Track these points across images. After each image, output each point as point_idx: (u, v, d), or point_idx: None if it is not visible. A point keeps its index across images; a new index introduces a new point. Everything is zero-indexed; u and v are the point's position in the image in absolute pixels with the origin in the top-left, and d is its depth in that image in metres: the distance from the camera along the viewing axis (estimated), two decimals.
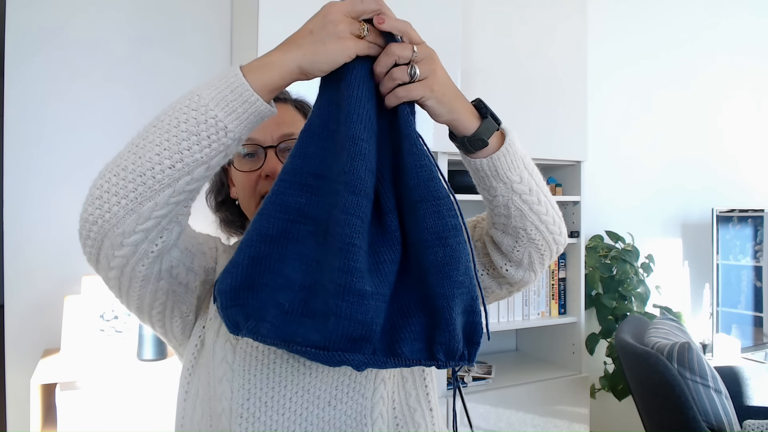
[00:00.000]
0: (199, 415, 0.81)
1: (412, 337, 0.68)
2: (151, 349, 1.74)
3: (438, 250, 0.68)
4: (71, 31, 1.98)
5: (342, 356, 0.66)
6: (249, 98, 0.64)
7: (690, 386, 1.80)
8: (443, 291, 0.67)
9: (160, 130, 0.64)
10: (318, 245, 0.69)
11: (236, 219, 0.99)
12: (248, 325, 0.68)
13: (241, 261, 0.68)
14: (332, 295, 0.65)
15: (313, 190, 0.69)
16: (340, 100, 0.68)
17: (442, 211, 0.68)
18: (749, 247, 2.87)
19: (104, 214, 0.63)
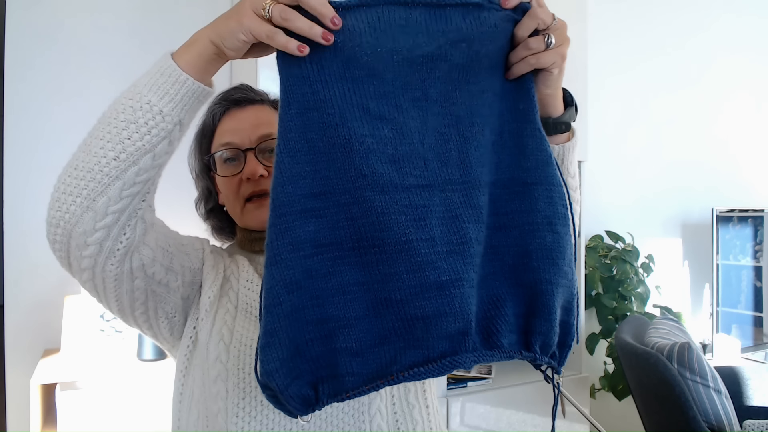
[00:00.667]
0: (195, 417, 0.81)
1: (508, 329, 0.65)
2: (151, 349, 1.74)
3: (547, 235, 0.65)
4: (71, 31, 1.98)
5: (451, 361, 0.60)
6: (178, 78, 0.64)
7: (690, 386, 1.80)
8: (548, 276, 0.65)
9: (102, 124, 0.65)
10: (352, 267, 0.61)
11: (226, 226, 0.99)
12: (323, 391, 0.60)
13: (275, 326, 0.58)
14: (408, 302, 0.60)
15: (316, 213, 0.60)
16: (312, 103, 0.60)
17: (554, 198, 0.66)
18: (749, 247, 2.87)
19: (64, 215, 0.64)
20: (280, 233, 0.59)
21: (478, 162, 0.65)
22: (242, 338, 0.79)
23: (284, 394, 0.58)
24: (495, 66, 0.66)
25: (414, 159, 0.62)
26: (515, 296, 0.66)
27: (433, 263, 0.60)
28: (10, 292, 1.90)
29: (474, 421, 2.03)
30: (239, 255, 0.90)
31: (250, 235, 0.93)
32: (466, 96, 0.65)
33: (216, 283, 0.83)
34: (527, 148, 0.67)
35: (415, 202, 0.61)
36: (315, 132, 0.60)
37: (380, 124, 0.61)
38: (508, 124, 0.68)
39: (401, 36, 0.60)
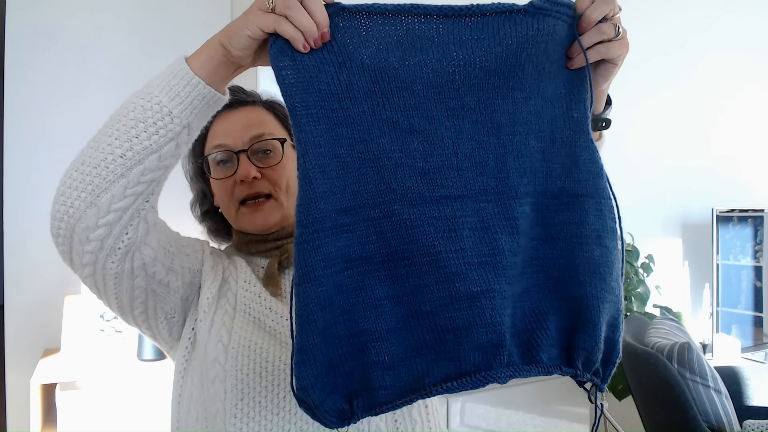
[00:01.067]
0: (194, 418, 0.81)
1: (549, 343, 0.64)
2: (151, 349, 1.74)
3: (595, 249, 0.64)
4: (71, 31, 1.98)
5: (486, 376, 0.60)
6: (190, 81, 0.64)
7: (690, 386, 1.80)
8: (595, 291, 0.63)
9: (112, 121, 0.65)
10: (381, 280, 0.61)
11: (222, 227, 0.99)
12: (357, 404, 0.60)
13: (310, 342, 0.57)
14: (438, 314, 0.60)
15: (347, 228, 0.60)
16: (342, 119, 0.60)
17: (604, 211, 0.65)
18: (749, 247, 2.87)
19: (68, 209, 0.65)
20: (313, 250, 0.58)
21: (518, 171, 0.63)
22: (240, 339, 0.79)
23: (320, 408, 0.59)
24: (541, 70, 0.63)
25: (446, 170, 0.62)
26: (559, 310, 0.65)
27: (463, 274, 0.60)
28: (10, 292, 1.90)
29: (474, 421, 2.03)
30: (237, 257, 0.90)
31: (245, 238, 0.92)
32: (509, 103, 0.63)
33: (215, 284, 0.83)
34: (580, 159, 0.65)
35: (445, 214, 0.61)
36: (345, 147, 0.60)
37: (410, 137, 0.61)
38: (560, 132, 0.66)
39: (431, 47, 0.60)
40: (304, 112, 0.59)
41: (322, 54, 0.59)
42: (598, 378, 0.65)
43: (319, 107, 0.59)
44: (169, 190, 0.93)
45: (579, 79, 0.66)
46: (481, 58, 0.61)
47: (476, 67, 0.61)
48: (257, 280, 0.86)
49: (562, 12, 0.62)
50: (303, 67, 0.59)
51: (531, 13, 0.60)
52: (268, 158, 0.89)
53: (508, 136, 0.63)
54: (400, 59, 0.60)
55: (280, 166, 0.89)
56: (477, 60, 0.61)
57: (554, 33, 0.62)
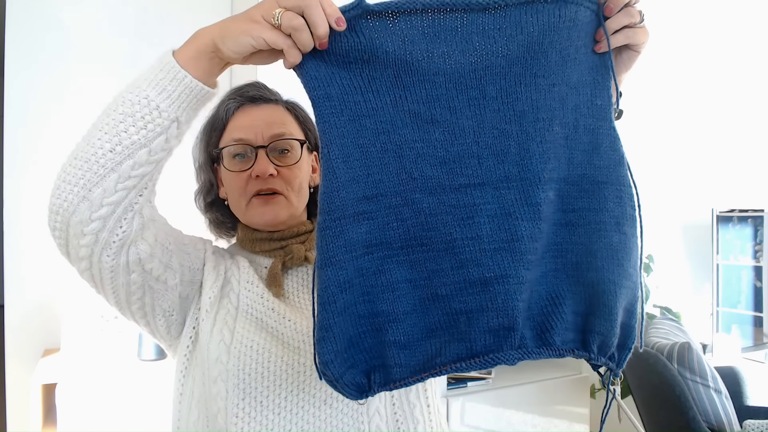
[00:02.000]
0: (195, 417, 0.81)
1: (563, 327, 0.65)
2: (151, 349, 1.74)
3: (614, 235, 0.65)
4: (71, 31, 1.98)
5: (495, 357, 0.63)
6: (177, 75, 0.64)
7: (690, 386, 1.80)
8: (612, 277, 0.65)
9: (103, 115, 0.66)
10: (400, 265, 0.64)
11: (226, 220, 0.98)
12: (374, 380, 0.64)
13: (330, 322, 0.61)
14: (452, 297, 0.63)
15: (368, 215, 0.63)
16: (365, 111, 0.62)
17: (623, 199, 0.67)
18: (749, 247, 2.87)
19: (62, 203, 0.65)
20: (335, 236, 0.61)
21: (541, 158, 0.64)
22: (243, 339, 0.79)
23: (339, 381, 0.63)
24: (566, 57, 0.64)
25: (466, 159, 0.64)
26: (576, 294, 0.67)
27: (477, 260, 0.63)
28: (10, 292, 1.91)
29: (474, 421, 2.03)
30: (240, 256, 0.90)
31: (251, 235, 0.92)
32: (532, 90, 0.64)
33: (217, 283, 0.83)
34: (601, 147, 0.67)
35: (464, 202, 0.63)
36: (368, 138, 0.63)
37: (431, 128, 0.63)
38: (584, 119, 0.67)
39: (454, 39, 0.62)
40: (328, 104, 0.61)
41: (347, 50, 0.61)
42: (613, 362, 0.67)
43: (342, 100, 0.62)
44: (172, 187, 0.93)
45: (604, 66, 0.67)
46: (503, 47, 0.62)
47: (498, 56, 0.63)
48: (260, 281, 0.86)
49: None
50: (326, 62, 0.61)
51: (552, 0, 0.62)
52: (285, 157, 0.89)
53: (531, 123, 0.64)
54: (424, 51, 0.62)
55: (296, 167, 0.90)
56: (499, 49, 0.62)
57: (576, 19, 0.63)
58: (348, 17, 0.60)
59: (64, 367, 1.67)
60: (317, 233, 0.61)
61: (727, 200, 3.15)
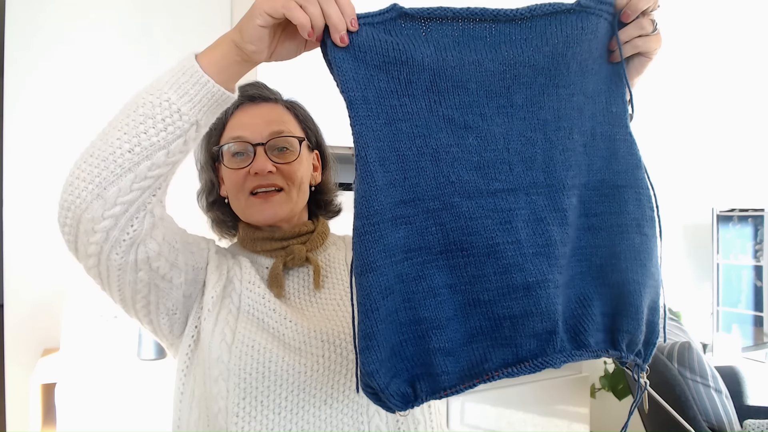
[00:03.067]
0: (196, 416, 0.81)
1: (594, 328, 0.67)
2: (151, 348, 1.74)
3: (635, 237, 0.67)
4: (71, 31, 1.98)
5: (543, 361, 0.64)
6: (200, 79, 0.65)
7: (690, 386, 1.80)
8: (636, 277, 0.67)
9: (122, 115, 0.66)
10: (440, 270, 0.64)
11: (228, 219, 0.98)
12: (421, 388, 0.63)
13: (374, 330, 0.60)
14: (496, 302, 0.63)
15: (406, 220, 0.63)
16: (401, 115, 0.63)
17: (642, 201, 0.68)
18: (749, 247, 2.87)
19: (75, 199, 0.65)
20: (374, 241, 0.60)
21: (564, 165, 0.66)
22: (244, 339, 0.79)
23: (385, 392, 0.61)
24: (584, 67, 0.67)
25: (499, 164, 0.65)
26: (602, 296, 0.68)
27: (520, 265, 0.63)
28: (10, 292, 1.91)
29: (474, 421, 2.03)
30: (242, 256, 0.90)
31: (252, 234, 0.92)
32: (554, 100, 0.66)
33: (219, 283, 0.83)
34: (619, 152, 0.69)
35: (501, 206, 0.64)
36: (404, 141, 0.63)
37: (465, 133, 0.64)
38: (600, 126, 0.69)
39: (484, 47, 0.64)
40: (364, 107, 0.62)
41: (385, 53, 0.62)
42: (640, 358, 0.68)
43: (378, 103, 0.62)
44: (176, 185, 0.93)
45: (617, 74, 0.70)
46: (530, 57, 0.64)
47: (525, 65, 0.65)
48: (261, 281, 0.86)
49: (604, 10, 0.65)
50: (365, 63, 0.62)
51: (576, 11, 0.64)
52: (284, 155, 0.90)
53: (554, 131, 0.66)
54: (458, 59, 0.63)
55: (296, 163, 0.90)
56: (526, 59, 0.64)
57: (597, 31, 0.65)
58: (383, 19, 0.62)
59: (64, 366, 1.67)
60: (354, 238, 0.60)
61: (727, 200, 3.15)
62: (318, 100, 1.07)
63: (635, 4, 0.65)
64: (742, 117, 3.33)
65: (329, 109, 0.99)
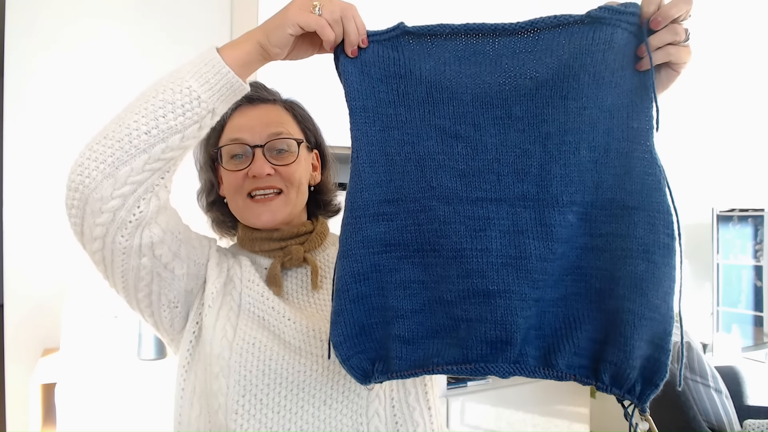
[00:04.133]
0: (197, 412, 0.81)
1: (572, 351, 0.65)
2: (151, 348, 1.74)
3: (640, 263, 0.63)
4: (71, 31, 1.98)
5: (484, 367, 0.66)
6: (221, 70, 0.69)
7: (690, 386, 1.80)
8: (632, 306, 0.63)
9: (140, 101, 0.69)
10: (414, 266, 0.69)
11: (227, 219, 0.98)
12: (377, 368, 0.69)
13: (343, 307, 0.68)
14: (456, 304, 0.66)
15: (387, 217, 0.69)
16: (395, 123, 0.68)
17: (657, 226, 0.63)
18: (749, 247, 2.87)
19: (84, 179, 0.67)
20: (353, 232, 0.68)
21: (563, 180, 0.64)
22: (245, 336, 0.79)
23: (346, 363, 0.68)
24: (599, 80, 0.63)
25: (486, 174, 0.66)
26: (594, 321, 0.66)
27: (483, 272, 0.65)
28: (10, 292, 1.91)
29: (474, 421, 2.03)
30: (242, 255, 0.91)
31: (251, 234, 0.92)
32: (561, 113, 0.64)
33: (219, 279, 0.84)
34: (634, 170, 0.64)
35: (477, 214, 0.66)
36: (394, 147, 0.68)
37: (454, 142, 0.67)
38: (616, 143, 0.65)
39: (485, 61, 0.65)
40: (363, 114, 0.68)
41: (386, 67, 0.67)
42: (633, 396, 0.64)
43: (376, 112, 0.68)
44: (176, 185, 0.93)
45: (642, 87, 0.64)
46: (531, 69, 0.64)
47: (526, 78, 0.65)
48: (260, 280, 0.86)
49: (622, 20, 0.62)
50: (369, 77, 0.67)
51: (587, 23, 0.62)
52: (282, 156, 0.90)
53: (556, 145, 0.64)
54: (455, 72, 0.66)
55: (295, 164, 0.90)
56: (527, 71, 0.64)
57: (612, 41, 0.62)
58: (389, 36, 0.67)
59: (64, 366, 1.67)
60: (341, 228, 0.67)
61: (727, 200, 3.15)
62: (318, 99, 1.07)
63: (666, 11, 0.61)
64: (742, 117, 3.34)
65: (330, 109, 0.99)
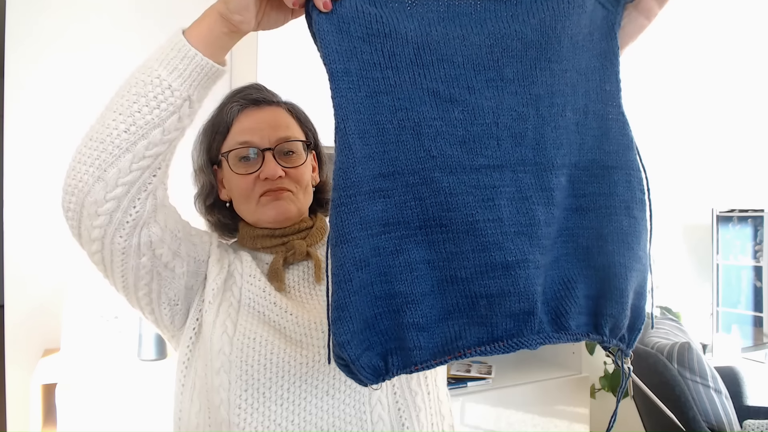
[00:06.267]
0: (197, 408, 0.82)
1: (576, 311, 0.65)
2: (151, 348, 1.74)
3: (624, 219, 0.66)
4: (72, 31, 1.98)
5: (517, 342, 0.62)
6: (187, 53, 0.65)
7: (690, 386, 1.80)
8: (622, 260, 0.65)
9: (117, 97, 0.67)
10: (419, 245, 0.62)
11: (229, 221, 0.98)
12: (393, 362, 0.62)
13: (346, 301, 0.59)
14: (472, 280, 0.61)
15: (385, 193, 0.61)
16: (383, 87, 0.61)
17: (633, 183, 0.67)
18: (749, 247, 2.87)
19: (77, 183, 0.66)
20: (350, 213, 0.59)
21: (555, 143, 0.65)
22: (246, 331, 0.79)
23: (356, 364, 0.60)
24: (576, 43, 0.65)
25: (486, 139, 0.63)
26: (587, 278, 0.67)
27: (500, 243, 0.61)
28: (10, 292, 1.91)
29: (474, 421, 2.03)
30: (243, 251, 0.91)
31: (252, 232, 0.93)
32: (547, 75, 0.64)
33: (220, 276, 0.84)
34: (610, 132, 0.67)
35: (484, 183, 0.62)
36: (385, 114, 0.61)
37: (450, 107, 0.62)
38: (593, 105, 0.67)
39: (470, 23, 0.63)
40: (346, 79, 0.60)
41: (369, 25, 0.61)
42: (623, 343, 0.67)
43: (360, 75, 0.61)
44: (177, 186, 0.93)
45: (612, 52, 0.68)
46: (517, 30, 0.63)
47: (514, 39, 0.63)
48: (262, 275, 0.86)
49: None
50: (348, 35, 0.61)
51: None
52: (290, 159, 0.91)
53: (547, 107, 0.64)
54: (442, 33, 0.62)
55: (303, 167, 0.91)
56: (514, 32, 0.63)
57: (584, 6, 0.64)
58: None
59: (64, 367, 1.67)
60: (331, 210, 0.60)
61: (727, 200, 3.15)
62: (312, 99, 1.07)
63: None
64: (742, 118, 3.34)
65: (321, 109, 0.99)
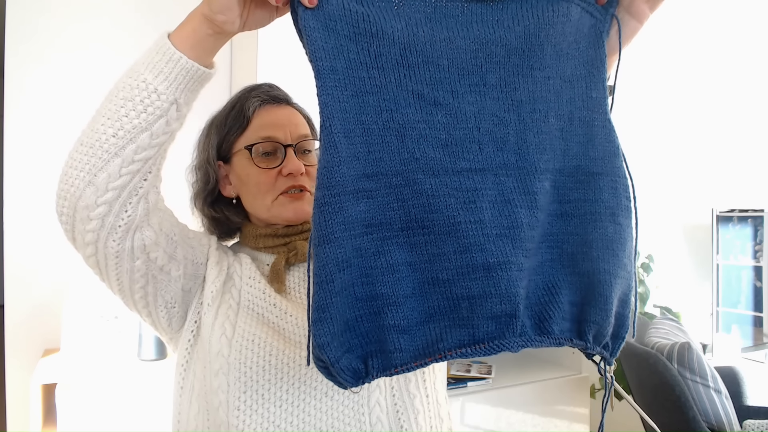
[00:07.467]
0: (195, 410, 0.82)
1: (560, 316, 0.66)
2: (151, 348, 1.74)
3: (609, 226, 0.66)
4: (72, 31, 1.98)
5: (498, 344, 0.62)
6: (172, 56, 0.65)
7: (690, 386, 1.80)
8: (607, 267, 0.66)
9: (105, 101, 0.67)
10: (400, 247, 0.62)
11: (235, 218, 0.95)
12: (373, 365, 0.61)
13: (327, 302, 0.58)
14: (454, 282, 0.61)
15: (368, 194, 0.61)
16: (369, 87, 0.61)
17: (618, 189, 0.68)
18: (749, 247, 2.87)
19: (69, 188, 0.67)
20: (334, 213, 0.59)
21: (537, 148, 0.65)
22: (244, 333, 0.79)
23: (335, 366, 0.60)
24: (560, 51, 0.66)
25: (468, 143, 0.63)
26: (572, 284, 0.67)
27: (481, 245, 0.62)
28: (10, 292, 1.91)
29: (474, 421, 2.03)
30: (243, 253, 0.91)
31: (255, 231, 0.92)
32: (529, 82, 0.65)
33: (219, 278, 0.84)
34: (596, 138, 0.68)
35: (466, 186, 0.63)
36: (370, 115, 0.61)
37: (434, 110, 0.63)
38: (579, 111, 0.68)
39: (456, 25, 0.63)
40: (332, 77, 0.60)
41: (356, 24, 0.61)
42: (607, 351, 0.67)
43: (347, 74, 0.61)
44: (176, 186, 0.93)
45: (599, 59, 0.69)
46: (502, 37, 0.64)
47: (498, 45, 0.64)
48: (262, 277, 0.86)
49: None
50: (335, 33, 0.60)
51: None
52: (306, 157, 0.92)
53: (529, 113, 0.65)
54: (429, 35, 0.63)
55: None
56: (498, 39, 0.64)
57: (569, 14, 0.66)
58: None
59: (64, 367, 1.67)
60: (314, 209, 0.59)
61: (727, 200, 3.15)
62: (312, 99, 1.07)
63: None
64: (742, 118, 3.33)
65: None
